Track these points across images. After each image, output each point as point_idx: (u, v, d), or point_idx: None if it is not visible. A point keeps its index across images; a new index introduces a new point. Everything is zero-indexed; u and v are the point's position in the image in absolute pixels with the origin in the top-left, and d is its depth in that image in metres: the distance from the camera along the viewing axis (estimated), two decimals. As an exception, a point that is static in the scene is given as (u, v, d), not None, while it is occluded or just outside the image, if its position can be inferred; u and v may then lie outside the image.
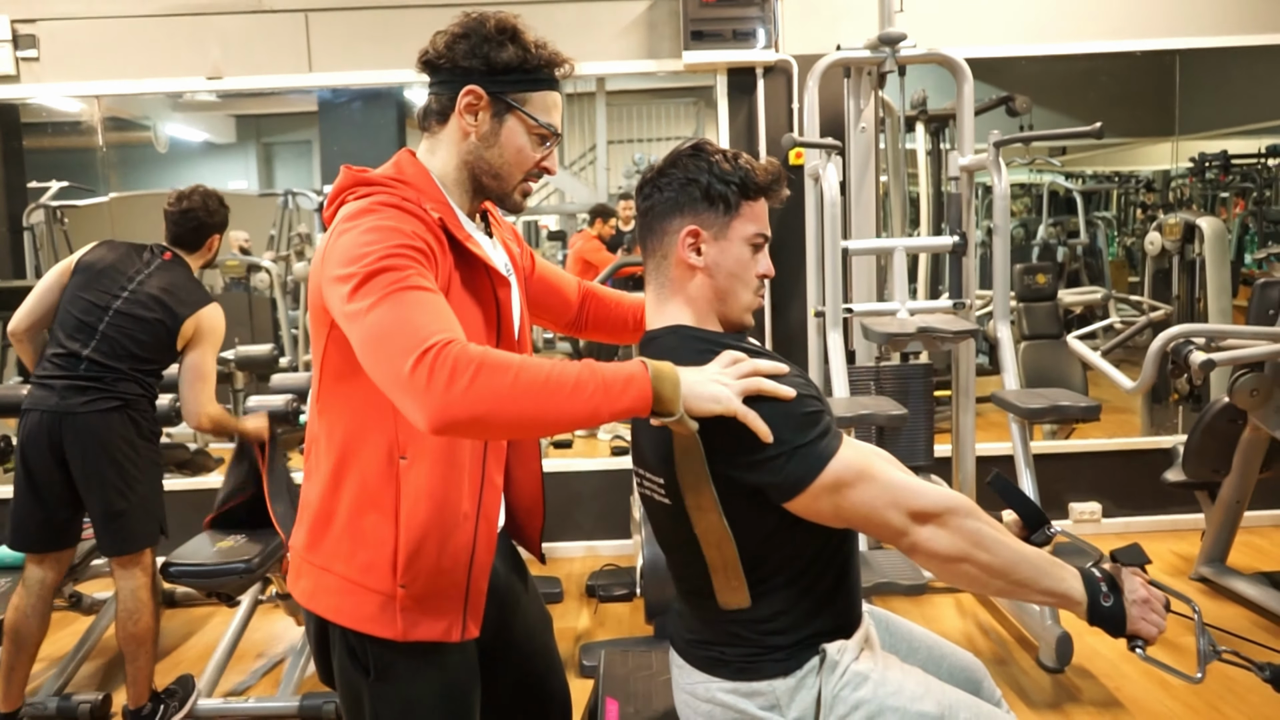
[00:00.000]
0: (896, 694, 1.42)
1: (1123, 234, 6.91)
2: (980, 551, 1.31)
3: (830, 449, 1.32)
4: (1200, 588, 3.76)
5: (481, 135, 1.46)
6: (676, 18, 4.21)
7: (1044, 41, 4.34)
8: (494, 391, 1.14)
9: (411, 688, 1.44)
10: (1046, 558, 1.35)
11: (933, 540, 1.31)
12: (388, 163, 1.49)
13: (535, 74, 1.45)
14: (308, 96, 5.25)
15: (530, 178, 1.51)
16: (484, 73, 1.43)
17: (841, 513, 1.34)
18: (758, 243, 1.48)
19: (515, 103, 1.45)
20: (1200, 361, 3.09)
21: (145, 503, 2.86)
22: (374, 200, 1.36)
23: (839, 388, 3.45)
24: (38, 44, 4.22)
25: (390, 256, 1.25)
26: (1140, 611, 1.34)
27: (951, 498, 1.33)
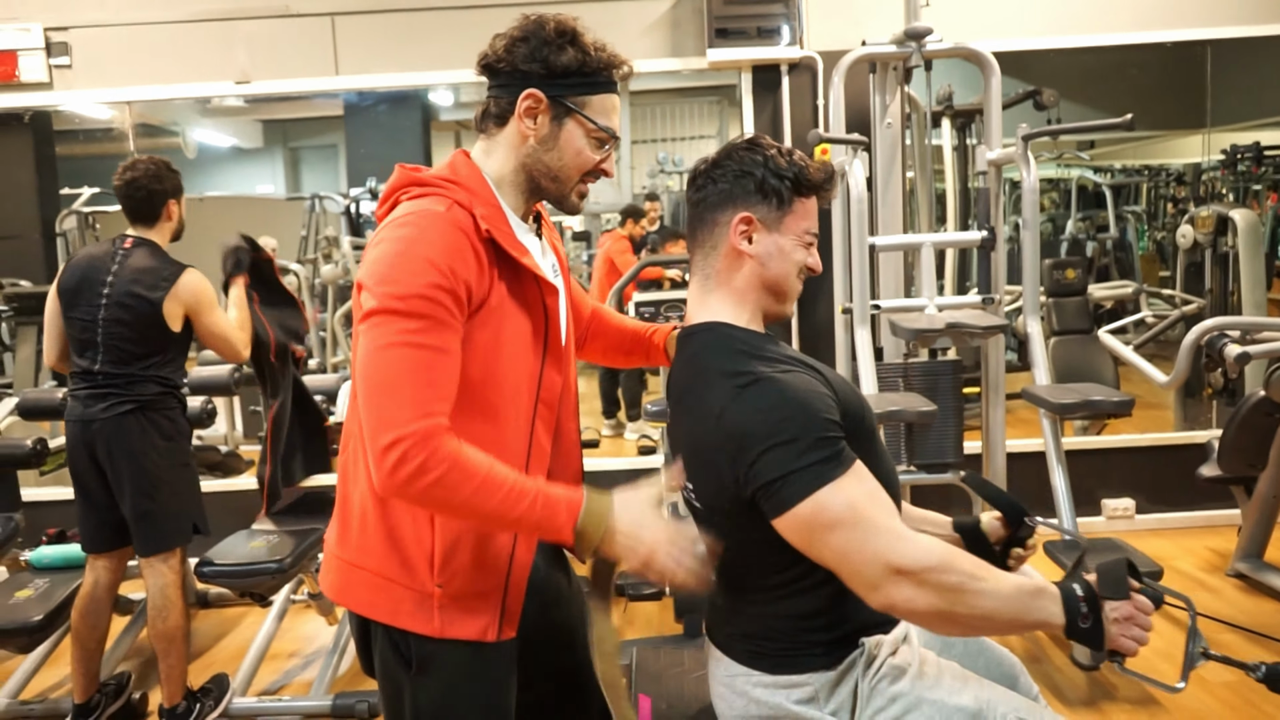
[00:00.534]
0: (934, 688, 1.42)
1: (1153, 228, 6.84)
2: (959, 607, 1.27)
3: (825, 477, 1.29)
4: (1237, 584, 3.71)
5: (540, 138, 1.44)
6: (701, 15, 4.20)
7: (1071, 33, 4.30)
8: (445, 499, 1.28)
9: (452, 681, 1.44)
10: (1026, 591, 1.30)
11: (912, 601, 1.26)
12: (443, 163, 1.49)
13: (594, 77, 1.44)
14: (333, 101, 5.30)
15: (588, 179, 1.50)
16: (544, 76, 1.41)
17: (815, 550, 1.31)
18: (808, 240, 1.49)
19: (575, 106, 1.43)
20: (1235, 354, 3.05)
21: (172, 502, 2.88)
22: (427, 202, 1.37)
23: (867, 384, 3.43)
24: (70, 51, 4.28)
25: (417, 299, 1.27)
26: (1120, 629, 1.30)
27: (933, 553, 1.28)
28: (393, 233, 1.33)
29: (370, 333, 1.29)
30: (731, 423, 1.34)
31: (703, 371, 1.43)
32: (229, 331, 2.93)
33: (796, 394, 1.34)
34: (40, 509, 4.18)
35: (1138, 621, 1.31)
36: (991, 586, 1.28)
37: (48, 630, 2.89)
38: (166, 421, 2.89)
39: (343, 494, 1.49)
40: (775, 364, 1.39)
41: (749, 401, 1.34)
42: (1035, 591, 1.30)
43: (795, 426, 1.31)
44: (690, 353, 1.49)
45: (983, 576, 1.28)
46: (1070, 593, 1.30)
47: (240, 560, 2.99)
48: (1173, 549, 4.13)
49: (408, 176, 1.45)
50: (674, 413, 1.52)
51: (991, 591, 1.28)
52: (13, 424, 4.16)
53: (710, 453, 1.38)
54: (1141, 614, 1.31)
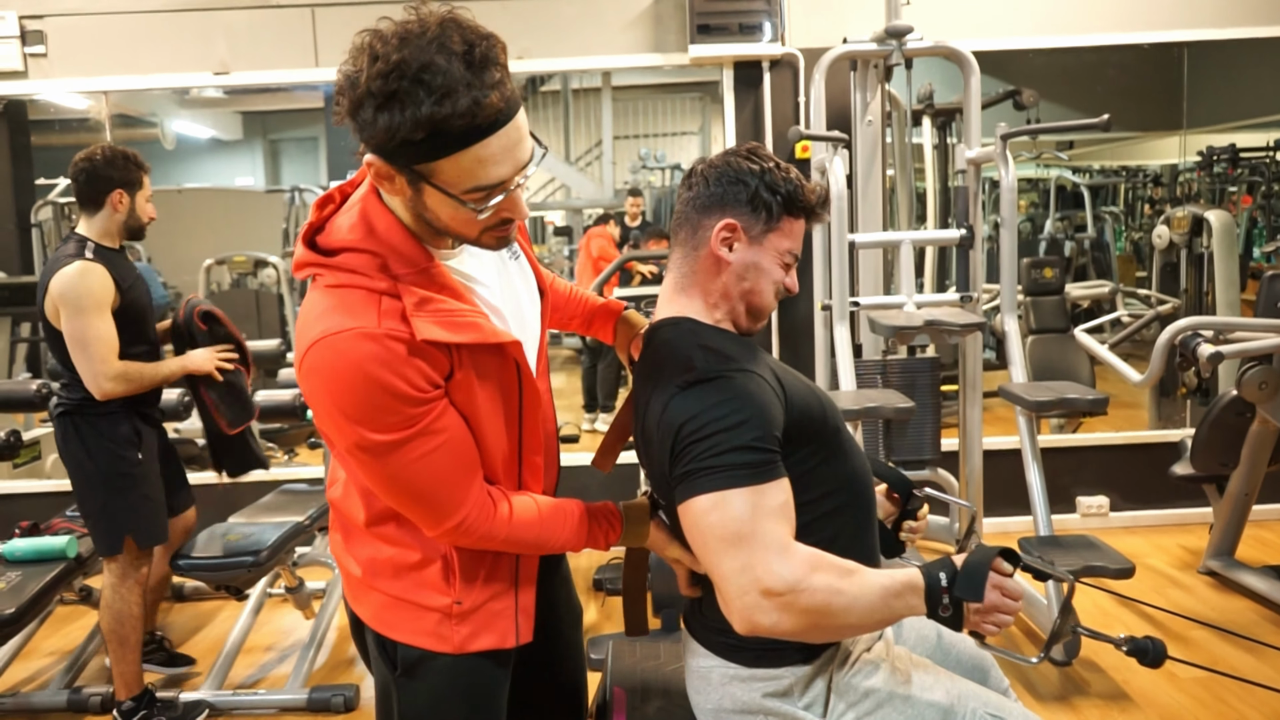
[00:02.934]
0: (906, 684, 1.44)
1: (1130, 228, 6.90)
2: (825, 621, 1.28)
3: (733, 481, 1.28)
4: (1208, 581, 3.75)
5: (409, 200, 1.21)
6: (682, 11, 4.20)
7: (1050, 34, 4.33)
8: (509, 549, 1.40)
9: (439, 685, 1.43)
10: (891, 592, 1.30)
11: (778, 625, 1.27)
12: (354, 209, 1.28)
13: (431, 141, 1.11)
14: (314, 92, 5.27)
15: (492, 230, 1.25)
16: (373, 144, 1.14)
17: (699, 552, 1.33)
18: (788, 261, 1.49)
19: (422, 174, 1.16)
20: (1208, 354, 3.08)
21: (99, 512, 2.80)
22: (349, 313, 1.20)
23: (846, 381, 3.45)
24: (45, 40, 4.23)
25: (396, 425, 1.21)
26: (981, 618, 1.32)
27: (798, 570, 1.26)
28: (328, 362, 1.18)
29: (371, 466, 1.26)
30: (672, 415, 1.35)
31: (662, 364, 1.43)
32: (88, 342, 2.61)
33: (740, 396, 1.33)
34: (14, 501, 4.15)
35: (1001, 608, 1.32)
36: (854, 597, 1.28)
37: (19, 624, 2.85)
38: (91, 431, 2.74)
39: (349, 512, 1.44)
40: (729, 363, 1.38)
41: (693, 397, 1.34)
42: (899, 591, 1.31)
43: (728, 424, 1.30)
44: (655, 345, 1.49)
45: (846, 590, 1.28)
46: (934, 584, 1.31)
47: (216, 554, 2.97)
48: (1146, 546, 4.17)
49: (312, 258, 1.25)
50: (635, 404, 1.52)
51: (855, 602, 1.28)
52: (-14, 416, 4.12)
53: (656, 444, 1.38)
54: (1009, 601, 1.32)
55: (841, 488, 1.45)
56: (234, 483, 3.29)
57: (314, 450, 4.62)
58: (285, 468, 5.15)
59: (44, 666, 3.40)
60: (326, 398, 1.21)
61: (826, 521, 1.41)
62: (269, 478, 3.79)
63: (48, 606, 3.09)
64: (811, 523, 1.38)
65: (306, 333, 1.22)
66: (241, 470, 3.20)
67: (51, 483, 4.46)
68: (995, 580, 1.32)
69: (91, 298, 2.60)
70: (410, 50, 1.08)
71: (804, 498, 1.37)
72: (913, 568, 1.34)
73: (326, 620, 3.41)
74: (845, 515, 1.46)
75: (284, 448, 5.53)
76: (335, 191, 1.35)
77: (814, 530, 1.38)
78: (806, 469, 1.39)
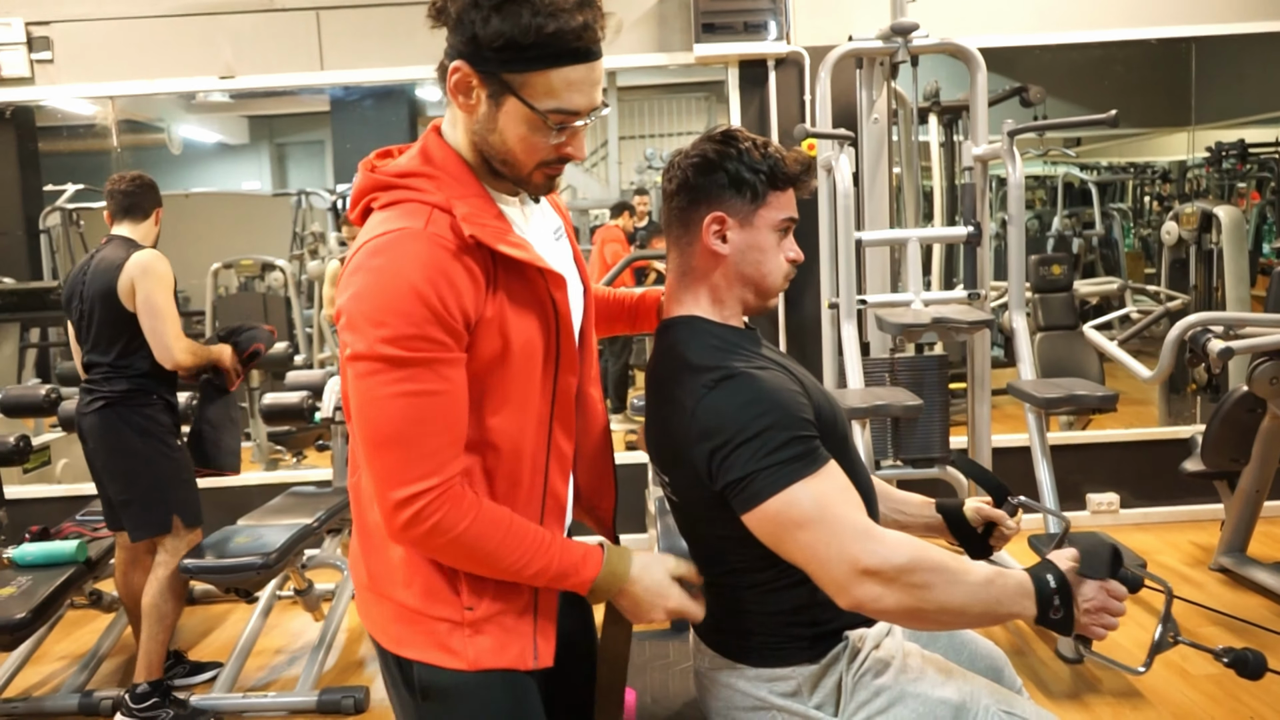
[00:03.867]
0: (918, 681, 1.43)
1: (1138, 225, 6.88)
2: (928, 605, 1.27)
3: (795, 475, 1.28)
4: (1220, 578, 3.73)
5: (479, 118, 1.22)
6: (687, 10, 4.20)
7: (1057, 30, 4.31)
8: (462, 555, 1.23)
9: (467, 709, 1.30)
10: (999, 585, 1.29)
11: (880, 600, 1.26)
12: (414, 146, 1.30)
13: (535, 49, 1.15)
14: (319, 96, 5.28)
15: (548, 165, 1.26)
16: (471, 48, 1.16)
17: (783, 548, 1.31)
18: (785, 227, 1.47)
19: (509, 85, 1.18)
20: (1219, 350, 3.06)
21: (149, 493, 2.99)
22: (400, 216, 1.19)
23: (853, 379, 3.44)
24: (52, 46, 4.24)
25: (410, 340, 1.13)
26: (1090, 619, 1.31)
27: (904, 554, 1.26)
28: (368, 260, 1.16)
29: (364, 381, 1.16)
30: (704, 417, 1.33)
31: (678, 366, 1.42)
32: (164, 314, 2.91)
33: (770, 390, 1.33)
34: (24, 506, 4.16)
35: (1109, 609, 1.31)
36: (961, 585, 1.27)
37: (30, 628, 2.86)
38: (140, 418, 2.98)
39: (359, 518, 1.36)
40: (750, 361, 1.38)
41: (722, 397, 1.33)
42: (1010, 584, 1.29)
43: (767, 422, 1.30)
44: (666, 346, 1.48)
45: (952, 572, 1.27)
46: (1043, 584, 1.30)
47: (225, 556, 2.97)
48: (1156, 543, 4.15)
49: (372, 180, 1.26)
50: (649, 406, 1.51)
51: (961, 590, 1.27)
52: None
53: (684, 448, 1.37)
54: (1115, 602, 1.32)
55: None
56: (243, 485, 3.30)
57: (322, 453, 4.62)
58: (294, 470, 5.16)
59: (55, 670, 3.41)
60: (355, 295, 1.15)
61: None
62: (277, 480, 3.80)
63: (58, 611, 3.11)
64: None
65: (359, 242, 1.21)
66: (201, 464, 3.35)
67: (61, 487, 4.48)
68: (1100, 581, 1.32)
69: (168, 278, 2.96)
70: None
71: None
72: (1019, 569, 1.33)
73: (336, 622, 3.42)
74: None
75: (292, 450, 5.54)
76: (393, 148, 1.35)
77: None
78: None
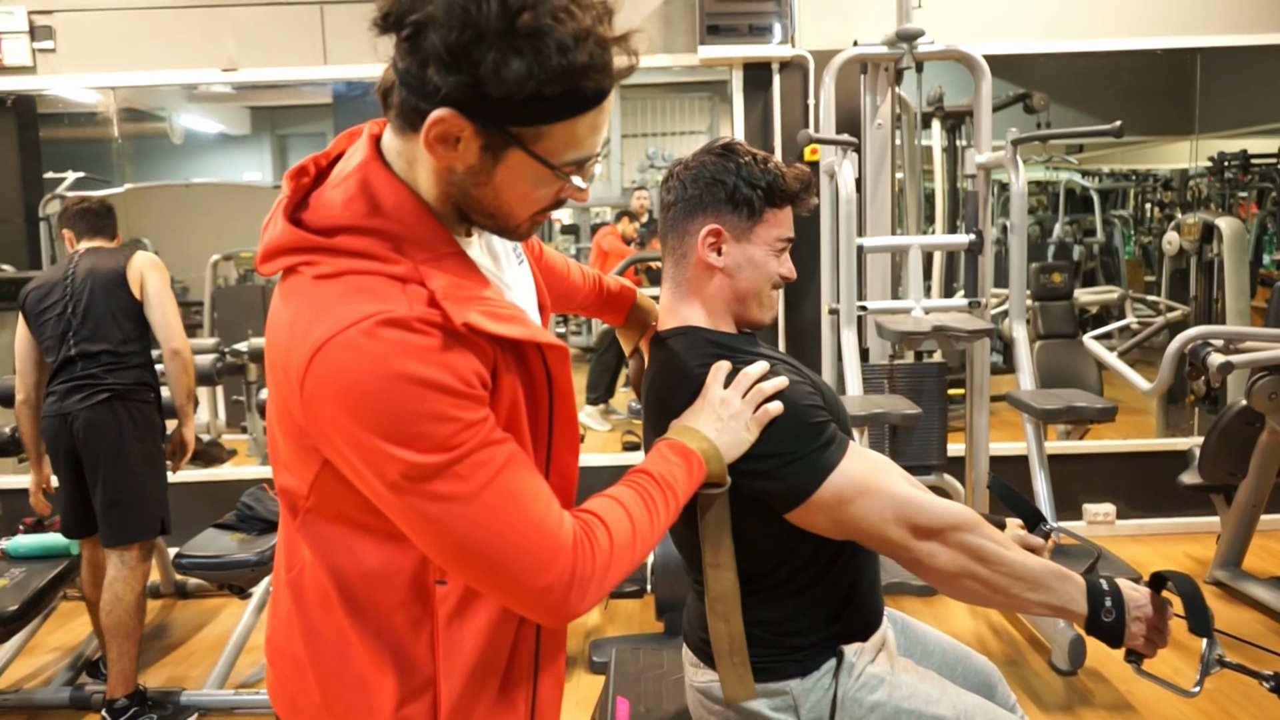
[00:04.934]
0: (911, 697, 1.43)
1: (1140, 233, 6.87)
2: (982, 567, 1.29)
3: (832, 460, 1.31)
4: (1215, 591, 3.73)
5: (464, 170, 0.94)
6: (692, 12, 4.19)
7: (1062, 38, 4.31)
8: (621, 572, 1.04)
9: None
10: (1051, 571, 1.32)
11: (935, 556, 1.29)
12: (347, 171, 0.99)
13: (560, 98, 0.90)
14: (322, 89, 5.26)
15: (542, 212, 1.03)
16: (471, 92, 0.87)
17: (842, 527, 1.33)
18: (780, 247, 1.46)
19: (522, 139, 0.92)
20: (1219, 364, 3.06)
21: (141, 494, 2.94)
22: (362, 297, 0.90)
23: (852, 386, 3.43)
24: (54, 35, 4.23)
25: (455, 436, 0.89)
26: (1140, 629, 1.32)
27: (955, 513, 1.31)
28: (353, 364, 0.87)
29: (431, 504, 0.90)
30: None
31: (679, 374, 1.41)
32: (174, 307, 3.02)
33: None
34: (17, 496, 4.14)
35: (1158, 625, 1.32)
36: (1018, 556, 1.31)
37: (22, 621, 2.87)
38: (140, 416, 2.96)
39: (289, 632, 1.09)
40: (754, 359, 1.38)
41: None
42: (1062, 575, 1.32)
43: (784, 419, 1.31)
44: (665, 357, 1.47)
45: (1009, 547, 1.31)
46: (1096, 586, 1.31)
47: (219, 552, 2.97)
48: (1152, 555, 4.15)
49: (298, 238, 0.95)
50: (649, 417, 1.50)
51: (1016, 561, 1.30)
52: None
53: None
54: (1163, 619, 1.32)
55: None
56: (237, 481, 3.29)
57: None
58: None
59: (47, 663, 3.40)
60: (349, 416, 0.88)
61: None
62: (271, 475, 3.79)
63: (51, 603, 3.11)
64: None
65: (304, 338, 0.90)
66: None
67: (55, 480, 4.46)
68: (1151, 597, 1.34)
69: (163, 270, 3.06)
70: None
71: None
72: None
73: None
74: None
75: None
76: (308, 162, 1.04)
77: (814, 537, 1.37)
78: None
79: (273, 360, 0.99)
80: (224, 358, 4.03)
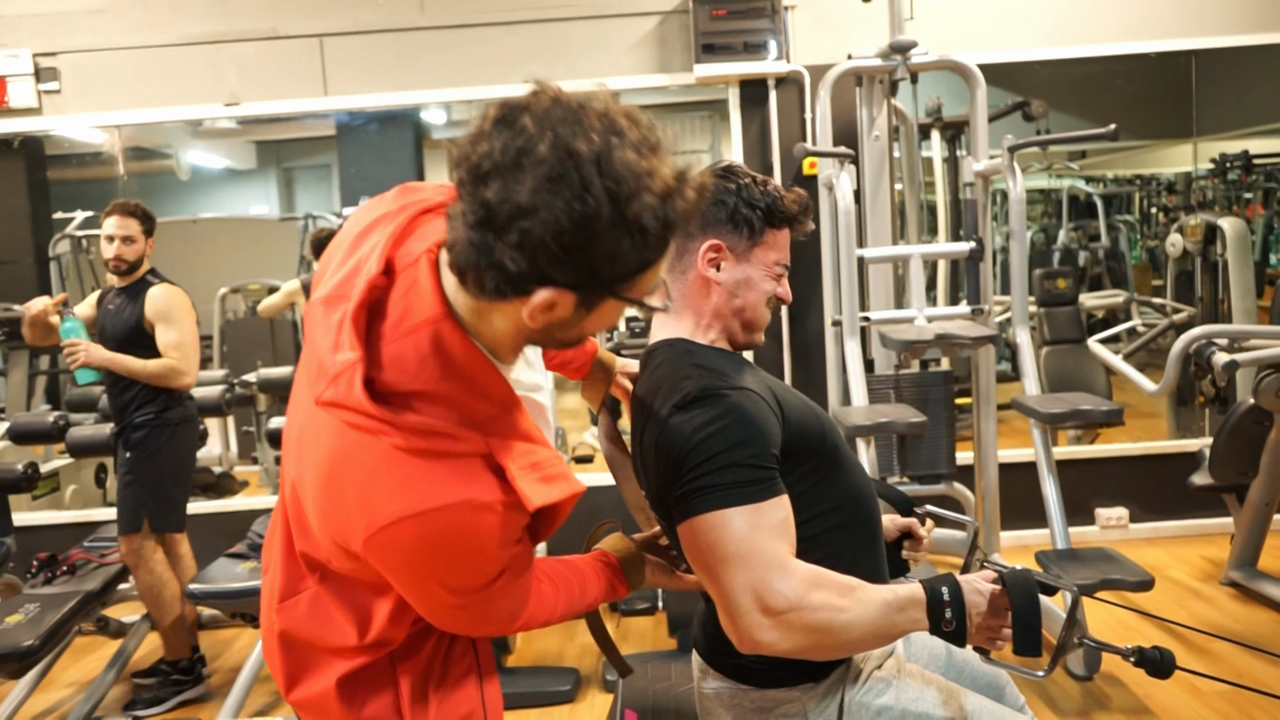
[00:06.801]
0: (918, 700, 1.43)
1: (1145, 237, 6.86)
2: (827, 639, 1.26)
3: (732, 499, 1.26)
4: (1230, 593, 3.70)
5: (555, 321, 0.99)
6: (687, 31, 4.22)
7: (1055, 45, 4.33)
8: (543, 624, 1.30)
9: None
10: (893, 606, 1.28)
11: (777, 645, 1.25)
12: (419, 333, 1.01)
13: (659, 244, 0.96)
14: (325, 121, 5.32)
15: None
16: (581, 277, 0.93)
17: (699, 571, 1.31)
18: (778, 272, 1.49)
19: (618, 293, 0.98)
20: (1223, 363, 3.06)
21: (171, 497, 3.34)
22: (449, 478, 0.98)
23: (857, 396, 3.43)
24: (59, 76, 4.29)
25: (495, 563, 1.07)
26: (982, 631, 1.30)
27: (798, 587, 1.24)
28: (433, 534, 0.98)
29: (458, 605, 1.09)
30: (670, 435, 1.33)
31: (660, 384, 1.42)
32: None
33: (737, 413, 1.31)
34: (32, 533, 4.18)
35: (1004, 622, 1.30)
36: (855, 615, 1.26)
37: (38, 656, 2.87)
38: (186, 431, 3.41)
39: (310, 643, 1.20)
40: (726, 381, 1.36)
41: (689, 416, 1.32)
42: (903, 605, 1.28)
43: (724, 443, 1.29)
44: (653, 366, 1.48)
45: (846, 607, 1.25)
46: (937, 598, 1.29)
47: (231, 582, 2.98)
48: (1166, 558, 4.13)
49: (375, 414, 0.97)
50: (635, 425, 1.51)
51: (855, 621, 1.26)
52: (5, 448, 4.16)
53: (654, 464, 1.37)
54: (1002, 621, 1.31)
55: (842, 505, 1.44)
56: (249, 512, 3.32)
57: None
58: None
59: (63, 698, 3.42)
60: (430, 578, 1.04)
61: (829, 538, 1.40)
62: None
63: (66, 638, 3.11)
64: (813, 539, 1.37)
65: (375, 495, 0.97)
66: None
67: (70, 514, 4.50)
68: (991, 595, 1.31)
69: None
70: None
71: (805, 515, 1.35)
72: (915, 583, 1.32)
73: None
74: (848, 532, 1.44)
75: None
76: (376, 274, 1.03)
77: (816, 547, 1.36)
78: (807, 486, 1.38)
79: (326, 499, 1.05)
80: (233, 389, 4.06)
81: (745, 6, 4.10)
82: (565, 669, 3.29)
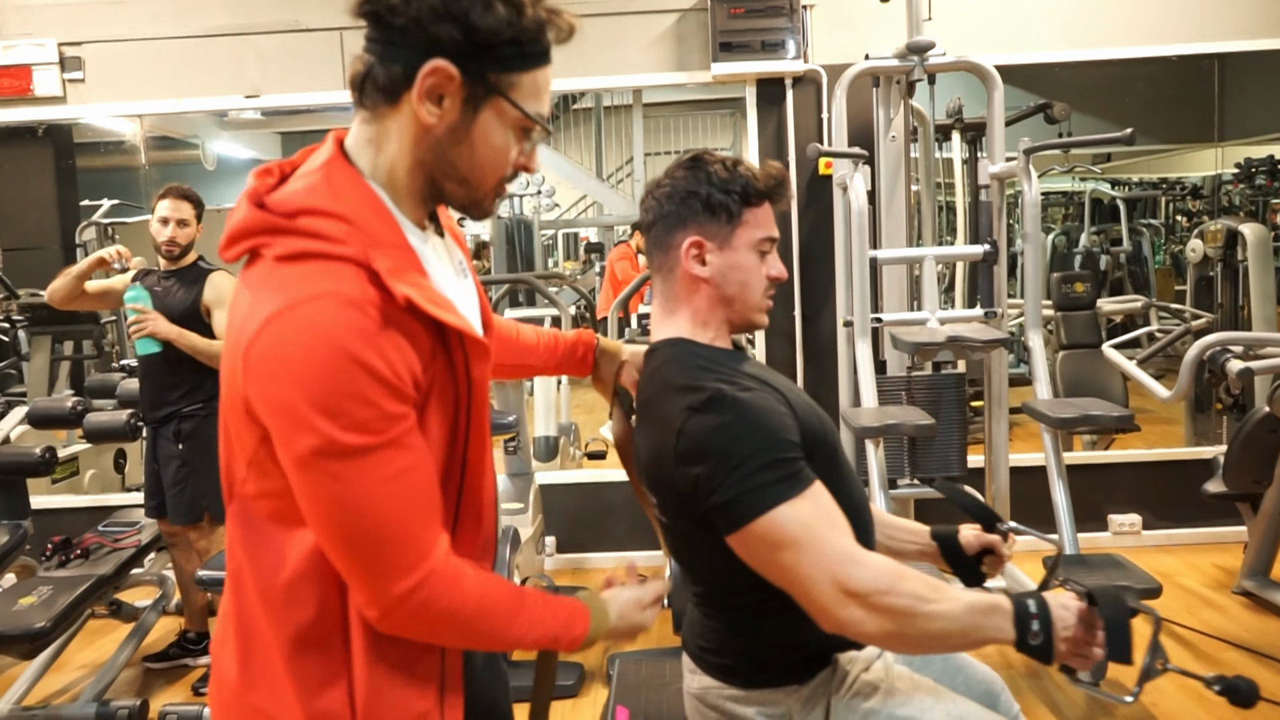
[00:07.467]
0: (906, 705, 1.43)
1: (1170, 241, 6.80)
2: (910, 629, 1.26)
3: (776, 497, 1.28)
4: (1243, 601, 3.67)
5: (448, 128, 1.05)
6: (705, 30, 4.22)
7: (1076, 47, 4.28)
8: (464, 635, 1.10)
9: None
10: (978, 609, 1.28)
11: (862, 624, 1.26)
12: (312, 168, 1.08)
13: (529, 45, 1.05)
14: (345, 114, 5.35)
15: (504, 182, 1.13)
16: (460, 43, 1.01)
17: (768, 571, 1.31)
18: (765, 248, 1.48)
19: (498, 87, 1.05)
20: (1238, 370, 3.03)
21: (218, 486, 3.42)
22: (315, 275, 0.98)
23: (867, 398, 3.42)
24: (83, 66, 4.34)
25: (372, 423, 0.97)
26: (1070, 647, 1.29)
27: (882, 576, 1.26)
28: (296, 336, 0.95)
29: (329, 481, 0.98)
30: (689, 440, 1.33)
31: (663, 386, 1.43)
32: None
33: (754, 412, 1.33)
34: (50, 516, 4.24)
35: (1091, 640, 1.30)
36: (942, 608, 1.27)
37: (51, 637, 2.92)
38: None
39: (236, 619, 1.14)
40: (735, 381, 1.38)
41: (707, 419, 1.33)
42: (988, 609, 1.28)
43: (751, 444, 1.30)
44: (653, 368, 1.49)
45: (933, 599, 1.27)
46: (1024, 610, 1.29)
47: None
48: (1179, 565, 4.09)
49: (260, 220, 1.03)
50: (638, 426, 1.52)
51: (941, 613, 1.27)
52: (25, 432, 4.21)
53: (669, 468, 1.37)
54: (1093, 638, 1.30)
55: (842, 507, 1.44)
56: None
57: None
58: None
59: (75, 679, 3.47)
60: (289, 382, 0.95)
61: None
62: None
63: (79, 620, 3.16)
64: None
65: (257, 309, 0.98)
66: None
67: (88, 498, 4.57)
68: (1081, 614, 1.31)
69: None
70: None
71: None
72: (999, 594, 1.32)
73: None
74: None
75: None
76: (274, 165, 1.12)
77: None
78: None
79: (230, 346, 1.04)
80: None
81: (764, 5, 4.09)
82: (569, 663, 3.31)
